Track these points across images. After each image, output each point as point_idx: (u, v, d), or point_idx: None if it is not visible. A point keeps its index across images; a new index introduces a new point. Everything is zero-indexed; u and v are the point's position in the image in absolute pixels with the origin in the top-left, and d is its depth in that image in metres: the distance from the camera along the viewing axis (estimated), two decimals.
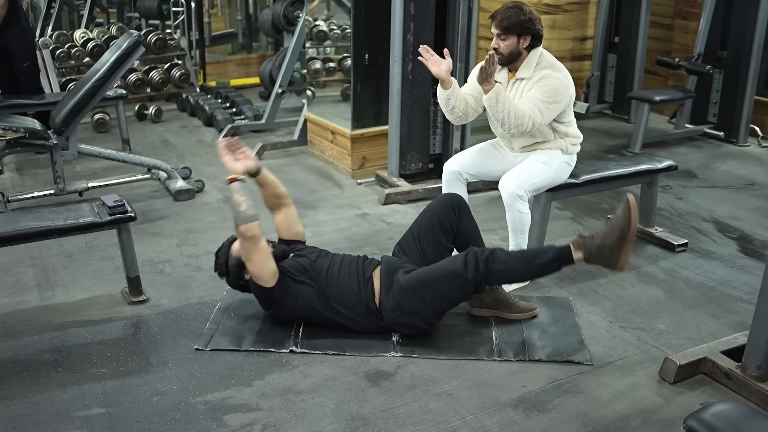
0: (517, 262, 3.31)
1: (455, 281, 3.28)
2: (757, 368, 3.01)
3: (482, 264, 3.24)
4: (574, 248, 3.24)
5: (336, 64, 8.11)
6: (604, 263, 3.23)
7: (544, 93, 3.78)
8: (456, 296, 3.37)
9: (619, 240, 3.17)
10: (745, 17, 6.66)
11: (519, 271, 3.36)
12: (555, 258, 3.28)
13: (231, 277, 3.51)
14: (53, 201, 5.07)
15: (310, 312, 3.43)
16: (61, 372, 3.18)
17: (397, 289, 3.33)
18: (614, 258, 3.20)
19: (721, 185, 5.75)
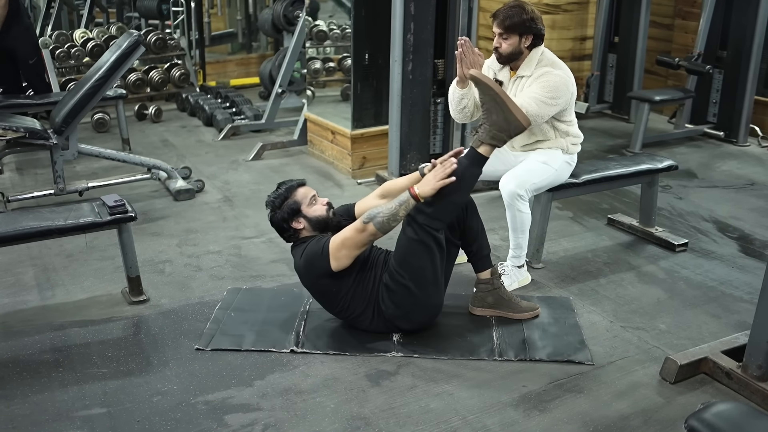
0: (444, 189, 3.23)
1: (414, 248, 3.27)
2: (758, 368, 3.01)
3: (420, 217, 3.23)
4: (477, 146, 3.32)
5: (336, 63, 8.11)
6: (511, 132, 3.34)
7: (542, 88, 3.78)
8: (427, 263, 3.30)
9: (500, 107, 3.29)
10: (745, 17, 6.66)
11: (453, 195, 3.28)
12: (471, 163, 3.32)
13: (279, 213, 3.43)
14: (53, 201, 5.08)
15: (330, 302, 3.43)
16: (62, 372, 3.18)
17: (383, 289, 3.35)
18: (511, 119, 3.30)
19: (721, 185, 5.75)
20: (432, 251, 3.30)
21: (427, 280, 3.33)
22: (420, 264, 3.31)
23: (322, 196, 5.28)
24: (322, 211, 3.45)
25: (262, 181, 5.78)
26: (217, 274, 4.13)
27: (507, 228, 3.98)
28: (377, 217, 3.20)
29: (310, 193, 3.47)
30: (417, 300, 3.33)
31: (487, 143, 3.32)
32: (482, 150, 3.32)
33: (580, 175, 4.21)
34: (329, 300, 3.44)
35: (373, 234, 3.21)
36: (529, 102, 3.72)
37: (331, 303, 3.44)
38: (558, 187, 4.11)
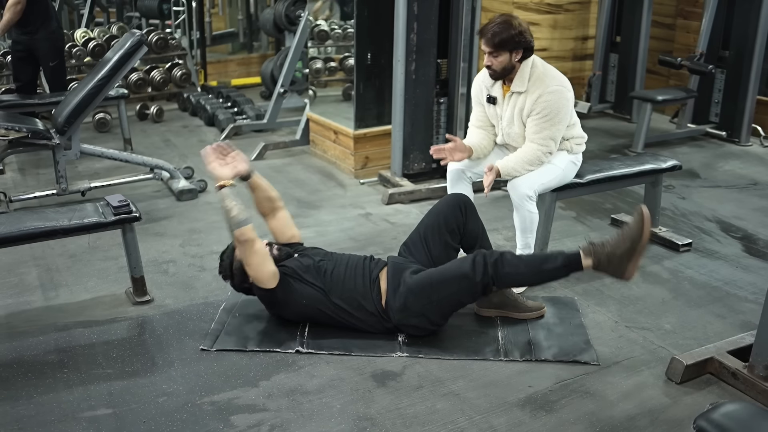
0: (526, 266, 3.30)
1: (463, 283, 3.27)
2: (765, 368, 3.00)
3: (491, 267, 3.23)
4: (584, 255, 3.23)
5: (337, 63, 8.09)
6: (612, 272, 3.23)
7: (546, 118, 3.79)
8: (463, 298, 3.35)
9: (629, 250, 3.17)
10: (747, 17, 6.66)
11: (527, 275, 3.34)
12: (564, 264, 3.26)
13: (235, 280, 3.51)
14: (56, 201, 5.07)
15: (316, 312, 3.42)
16: (67, 373, 3.17)
17: (404, 289, 3.32)
18: (623, 267, 3.20)
19: (724, 185, 5.75)
20: (474, 296, 3.38)
21: (449, 310, 3.40)
22: (455, 297, 3.34)
23: (324, 197, 5.35)
24: None
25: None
26: None
27: (510, 227, 4.00)
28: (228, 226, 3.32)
29: None
30: (427, 316, 3.35)
31: (593, 258, 3.22)
32: (585, 262, 3.23)
33: (584, 175, 4.21)
34: (322, 317, 3.44)
35: (240, 235, 3.26)
36: (546, 143, 3.81)
37: (328, 317, 3.43)
38: (562, 187, 4.11)
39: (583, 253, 3.23)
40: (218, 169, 3.38)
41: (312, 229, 4.77)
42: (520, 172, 3.84)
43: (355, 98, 5.76)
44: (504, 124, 3.97)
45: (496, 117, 4.01)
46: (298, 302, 3.40)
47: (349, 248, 4.42)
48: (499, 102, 3.95)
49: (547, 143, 3.82)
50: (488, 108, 4.03)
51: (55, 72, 6.21)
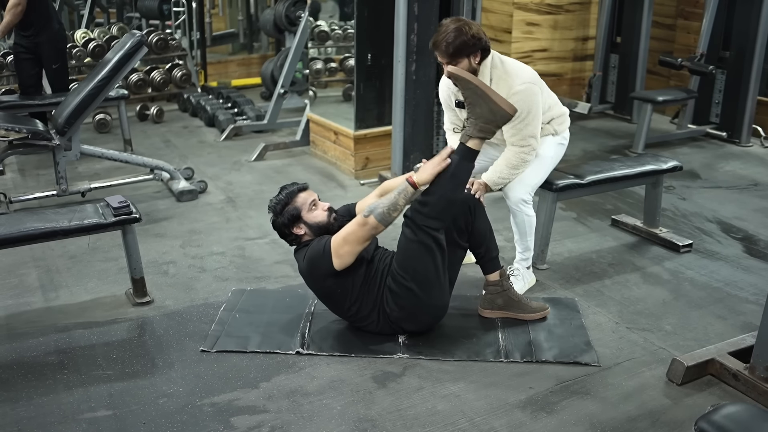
0: (439, 187, 3.26)
1: (415, 250, 3.27)
2: (766, 369, 3.00)
3: (418, 218, 3.24)
4: (465, 140, 3.28)
5: (338, 64, 8.08)
6: (498, 122, 3.28)
7: (518, 119, 3.61)
8: (428, 263, 3.29)
9: (482, 99, 3.24)
10: (747, 17, 6.66)
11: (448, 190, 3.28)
12: (461, 158, 3.28)
13: (281, 218, 3.43)
14: (56, 202, 5.08)
15: (335, 304, 3.43)
16: (67, 374, 3.17)
17: (387, 292, 3.34)
18: (496, 109, 3.25)
19: (725, 186, 5.75)
20: (432, 252, 3.29)
21: (430, 281, 3.32)
22: (421, 265, 3.30)
23: (325, 197, 5.33)
24: (322, 216, 3.44)
25: (264, 181, 5.77)
26: (222, 276, 4.12)
27: (511, 228, 3.97)
28: (377, 209, 3.20)
29: (311, 198, 3.46)
30: (421, 301, 3.32)
31: (475, 137, 3.27)
32: (471, 144, 3.27)
33: (585, 175, 4.21)
34: (335, 302, 3.43)
35: (374, 227, 3.20)
36: (528, 142, 3.73)
37: (338, 305, 3.43)
38: (563, 188, 4.11)
39: (463, 140, 3.28)
40: (432, 173, 3.27)
41: None
42: (509, 179, 3.79)
43: (356, 99, 5.76)
44: None
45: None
46: (333, 288, 3.37)
47: None
48: None
49: (527, 142, 3.72)
50: (459, 112, 3.92)
51: (57, 74, 6.19)
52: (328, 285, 3.37)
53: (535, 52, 7.93)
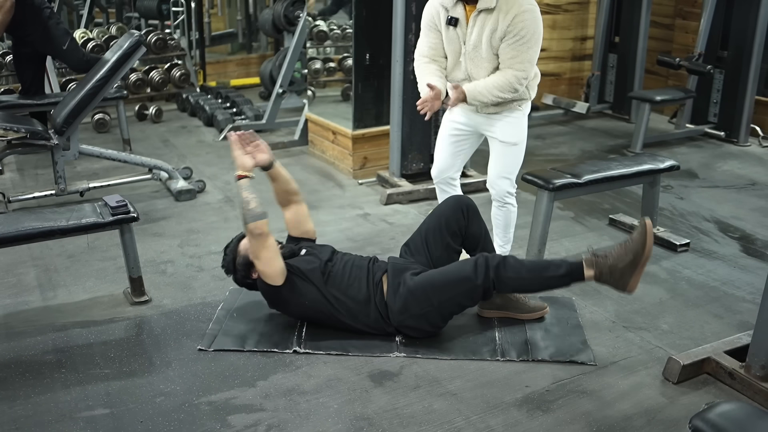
0: (528, 271, 3.28)
1: (464, 286, 3.27)
2: (761, 368, 3.01)
3: (493, 270, 3.23)
4: (586, 266, 3.22)
5: (336, 64, 8.10)
6: (614, 284, 3.22)
7: (523, 40, 3.49)
8: (464, 301, 3.35)
9: (632, 263, 3.16)
10: (745, 17, 6.66)
11: (529, 281, 3.31)
12: (567, 273, 3.25)
13: (238, 274, 3.51)
14: (54, 201, 5.08)
15: (317, 313, 3.43)
16: (64, 373, 3.17)
17: (404, 291, 3.32)
18: (624, 280, 3.18)
19: (723, 185, 5.75)
20: (472, 299, 3.36)
21: (448, 312, 3.39)
22: (458, 301, 3.34)
23: (323, 197, 5.35)
24: None
25: (263, 181, 5.72)
26: (219, 275, 4.10)
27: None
28: (242, 218, 3.30)
29: None
30: (427, 320, 3.36)
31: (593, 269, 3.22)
32: (587, 272, 3.23)
33: (583, 175, 4.21)
34: (322, 315, 3.44)
35: (253, 228, 3.25)
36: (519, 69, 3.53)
37: (327, 317, 3.43)
38: (560, 187, 4.11)
39: (585, 264, 3.22)
40: (240, 158, 3.38)
41: None
42: (486, 99, 3.59)
43: (354, 99, 5.77)
44: (468, 49, 3.61)
45: (457, 41, 3.64)
46: (301, 302, 3.40)
47: (348, 249, 4.40)
48: (461, 23, 3.60)
49: (525, 68, 3.55)
50: (447, 32, 3.64)
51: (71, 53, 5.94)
52: (295, 304, 3.43)
53: None
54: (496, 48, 3.56)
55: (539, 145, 6.85)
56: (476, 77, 3.66)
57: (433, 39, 3.72)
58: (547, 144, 6.92)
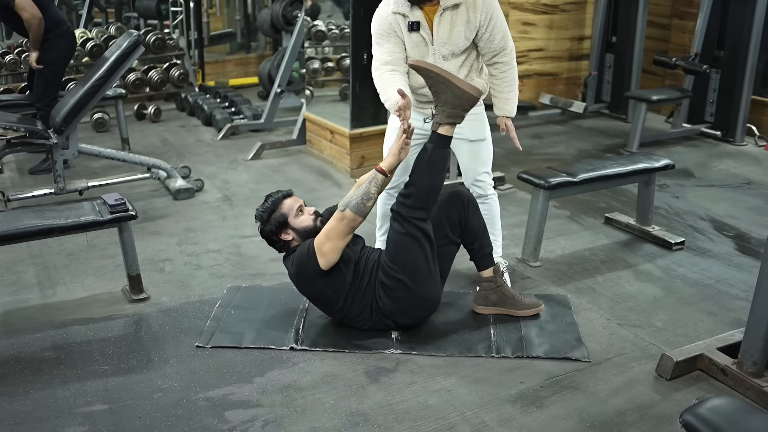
0: (419, 176, 3.33)
1: (403, 242, 3.32)
2: (753, 364, 3.04)
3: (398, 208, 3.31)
4: (436, 128, 3.33)
5: (334, 63, 8.13)
6: (465, 106, 3.32)
7: (500, 21, 3.58)
8: (418, 255, 3.34)
9: (446, 86, 3.28)
10: (741, 17, 6.69)
11: (426, 179, 3.33)
12: (435, 146, 3.33)
13: (268, 227, 3.48)
14: (53, 200, 5.11)
15: (326, 304, 3.46)
16: (63, 369, 3.20)
17: (379, 286, 3.37)
18: (460, 93, 3.29)
19: (718, 184, 5.78)
20: (420, 242, 3.34)
21: (420, 272, 3.36)
22: (411, 257, 3.34)
23: (321, 196, 5.38)
24: (309, 221, 3.49)
25: (261, 180, 5.80)
26: (217, 273, 4.16)
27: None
28: (352, 201, 3.25)
29: (297, 204, 3.51)
30: (413, 293, 3.36)
31: (445, 123, 3.33)
32: (443, 131, 3.33)
33: (577, 174, 4.24)
34: (326, 303, 3.47)
35: (351, 219, 3.24)
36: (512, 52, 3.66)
37: (329, 306, 3.47)
38: (556, 186, 4.15)
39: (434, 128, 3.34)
40: (397, 155, 3.33)
41: None
42: (517, 95, 3.76)
43: (351, 98, 5.79)
44: (437, 47, 3.58)
45: (423, 43, 3.59)
46: (323, 289, 3.41)
47: None
48: (423, 26, 3.55)
49: (510, 41, 3.65)
50: (411, 37, 3.59)
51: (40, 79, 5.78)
52: (317, 286, 3.41)
53: (531, 51, 7.97)
54: (471, 39, 3.59)
55: (536, 145, 6.88)
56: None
57: (393, 46, 3.64)
58: (544, 143, 6.95)
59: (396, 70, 3.62)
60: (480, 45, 3.62)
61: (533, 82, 8.11)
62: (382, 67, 3.63)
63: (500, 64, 3.67)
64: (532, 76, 8.09)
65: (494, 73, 3.70)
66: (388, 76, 3.59)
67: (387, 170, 3.31)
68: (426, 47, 3.62)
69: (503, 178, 5.57)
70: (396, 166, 3.35)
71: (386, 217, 4.06)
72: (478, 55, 3.69)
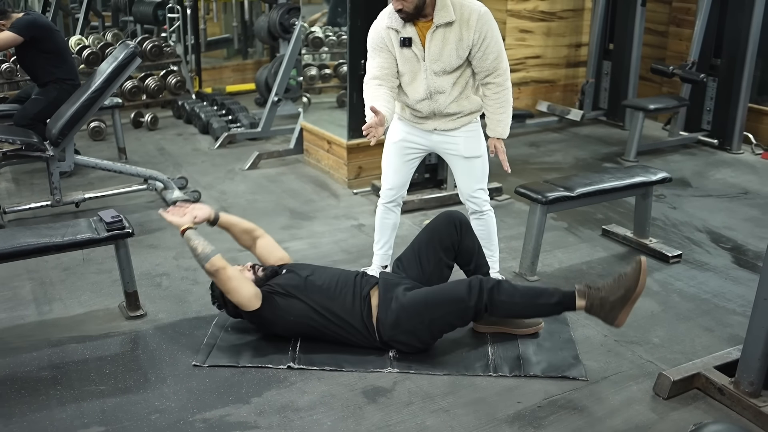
0: (521, 297, 3.32)
1: (457, 306, 3.30)
2: (750, 384, 3.04)
3: (486, 293, 3.26)
4: (578, 296, 3.26)
5: (332, 70, 8.12)
6: (603, 317, 3.26)
7: (495, 40, 3.58)
8: (455, 320, 3.38)
9: (622, 298, 3.20)
10: (738, 25, 6.70)
11: (521, 307, 3.36)
12: (559, 302, 3.30)
13: (229, 307, 3.55)
14: (50, 212, 5.10)
15: (306, 327, 3.45)
16: (60, 389, 3.19)
17: (396, 306, 3.35)
18: (614, 314, 3.23)
19: (715, 194, 5.78)
20: (463, 319, 3.39)
21: (439, 331, 3.41)
22: (449, 320, 3.37)
23: (318, 207, 5.37)
24: (251, 277, 3.53)
25: (258, 191, 5.80)
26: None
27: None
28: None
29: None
30: (417, 336, 3.38)
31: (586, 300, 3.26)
32: (579, 304, 3.28)
33: (575, 188, 4.25)
34: (308, 329, 3.47)
35: (209, 272, 3.38)
36: (507, 73, 3.66)
37: (312, 331, 3.47)
38: (553, 200, 4.15)
39: (578, 294, 3.26)
40: (176, 220, 3.52)
41: (305, 241, 4.80)
42: (509, 118, 3.76)
43: (348, 108, 5.78)
44: (428, 64, 3.58)
45: (415, 59, 3.61)
46: (286, 318, 3.43)
47: (342, 260, 4.46)
48: (415, 42, 3.57)
49: (505, 62, 3.65)
50: (402, 52, 3.60)
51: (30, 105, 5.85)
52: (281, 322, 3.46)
53: (528, 59, 7.97)
54: (464, 57, 3.59)
55: (534, 153, 6.88)
56: (440, 90, 3.65)
57: (384, 60, 3.64)
58: (542, 152, 6.95)
59: (383, 85, 3.62)
60: (473, 63, 3.63)
61: (530, 90, 8.12)
62: (371, 81, 3.65)
63: (493, 85, 3.67)
64: (530, 83, 8.09)
65: (487, 94, 3.70)
66: (373, 91, 3.60)
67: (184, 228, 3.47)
68: (418, 63, 3.62)
69: (500, 189, 5.57)
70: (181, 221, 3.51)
71: (383, 231, 4.07)
72: (473, 73, 3.69)
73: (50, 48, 5.71)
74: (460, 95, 3.69)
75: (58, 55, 5.78)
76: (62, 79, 5.73)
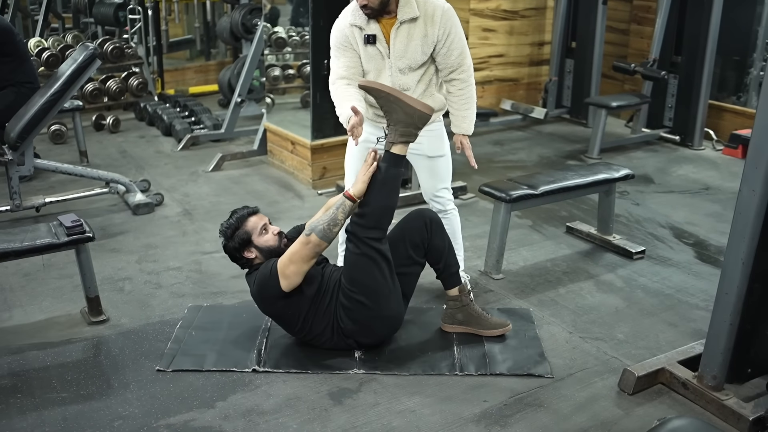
0: (373, 196, 3.30)
1: (359, 263, 3.30)
2: (713, 378, 3.07)
3: (353, 228, 3.29)
4: (389, 147, 3.31)
5: (295, 70, 8.09)
6: (418, 124, 3.29)
7: (459, 36, 3.59)
8: (375, 275, 3.32)
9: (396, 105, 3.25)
10: (698, 22, 6.78)
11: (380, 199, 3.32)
12: (389, 165, 3.31)
13: (231, 243, 3.45)
14: (10, 217, 5.02)
15: (289, 324, 3.44)
16: (20, 398, 3.14)
17: (340, 307, 3.36)
18: (412, 111, 3.26)
19: (678, 190, 5.84)
20: (377, 262, 3.32)
21: (379, 292, 3.34)
22: (368, 277, 3.32)
23: (282, 208, 5.34)
24: (273, 240, 3.46)
25: (222, 193, 5.75)
26: (178, 292, 4.10)
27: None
28: (318, 226, 3.23)
29: (261, 222, 3.47)
30: (373, 313, 3.34)
31: (398, 142, 3.30)
32: (396, 150, 3.31)
33: (538, 186, 4.26)
34: (288, 322, 3.44)
35: (317, 245, 3.22)
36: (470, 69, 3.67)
37: (290, 325, 3.44)
38: (517, 198, 4.16)
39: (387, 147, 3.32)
40: (366, 182, 3.31)
41: None
42: (474, 113, 3.76)
43: (312, 109, 5.75)
44: (393, 61, 3.58)
45: (379, 56, 3.59)
46: (284, 309, 3.39)
47: None
48: (379, 39, 3.56)
49: (468, 58, 3.66)
50: (366, 50, 3.59)
51: None
52: (278, 306, 3.38)
53: (491, 57, 8.00)
54: (428, 53, 3.59)
55: (498, 152, 6.90)
56: (405, 87, 3.63)
57: (349, 60, 3.64)
58: (506, 150, 6.97)
59: (351, 84, 3.61)
60: (437, 60, 3.63)
61: (494, 88, 8.14)
62: (338, 81, 3.64)
63: (457, 81, 3.67)
64: (493, 82, 8.12)
65: (451, 90, 3.70)
66: (342, 91, 3.58)
67: (356, 197, 3.28)
68: (382, 60, 3.61)
69: (465, 187, 5.58)
70: (363, 193, 3.31)
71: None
72: (437, 70, 3.69)
73: (9, 51, 5.60)
74: (425, 93, 3.69)
75: (17, 58, 5.67)
76: (21, 82, 5.62)
